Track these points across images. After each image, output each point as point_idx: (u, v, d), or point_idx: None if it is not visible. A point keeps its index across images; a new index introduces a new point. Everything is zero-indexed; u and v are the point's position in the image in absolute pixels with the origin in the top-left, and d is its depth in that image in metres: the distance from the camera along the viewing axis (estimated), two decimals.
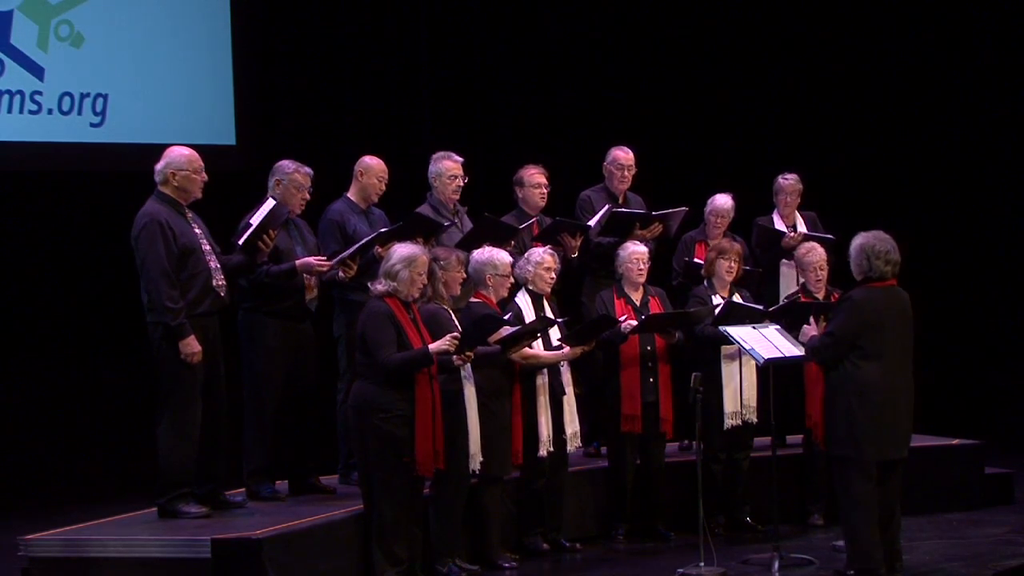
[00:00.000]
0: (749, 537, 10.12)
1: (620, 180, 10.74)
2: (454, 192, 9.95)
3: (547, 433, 9.44)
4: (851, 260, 8.73)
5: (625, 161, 10.74)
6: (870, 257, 8.61)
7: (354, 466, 9.25)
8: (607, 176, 10.80)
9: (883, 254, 8.61)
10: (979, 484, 11.08)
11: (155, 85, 12.22)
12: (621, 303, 9.99)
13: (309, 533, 8.45)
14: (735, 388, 10.10)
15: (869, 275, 8.62)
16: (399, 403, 8.36)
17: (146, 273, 8.58)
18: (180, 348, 8.53)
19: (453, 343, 8.43)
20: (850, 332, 8.54)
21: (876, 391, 8.50)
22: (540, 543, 9.66)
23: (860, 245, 8.66)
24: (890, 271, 8.61)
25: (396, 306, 8.47)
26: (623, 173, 10.73)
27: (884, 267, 8.59)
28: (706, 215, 10.88)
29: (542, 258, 9.59)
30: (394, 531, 8.43)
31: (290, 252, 9.19)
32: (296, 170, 9.30)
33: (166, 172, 8.75)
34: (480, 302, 9.21)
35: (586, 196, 10.77)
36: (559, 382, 9.55)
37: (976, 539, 9.93)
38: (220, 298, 8.80)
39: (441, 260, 8.90)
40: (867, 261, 8.61)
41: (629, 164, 10.75)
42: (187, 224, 8.73)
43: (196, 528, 8.40)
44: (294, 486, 9.49)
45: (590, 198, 10.74)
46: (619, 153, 10.77)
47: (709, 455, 10.05)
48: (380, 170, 9.79)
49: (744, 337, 9.39)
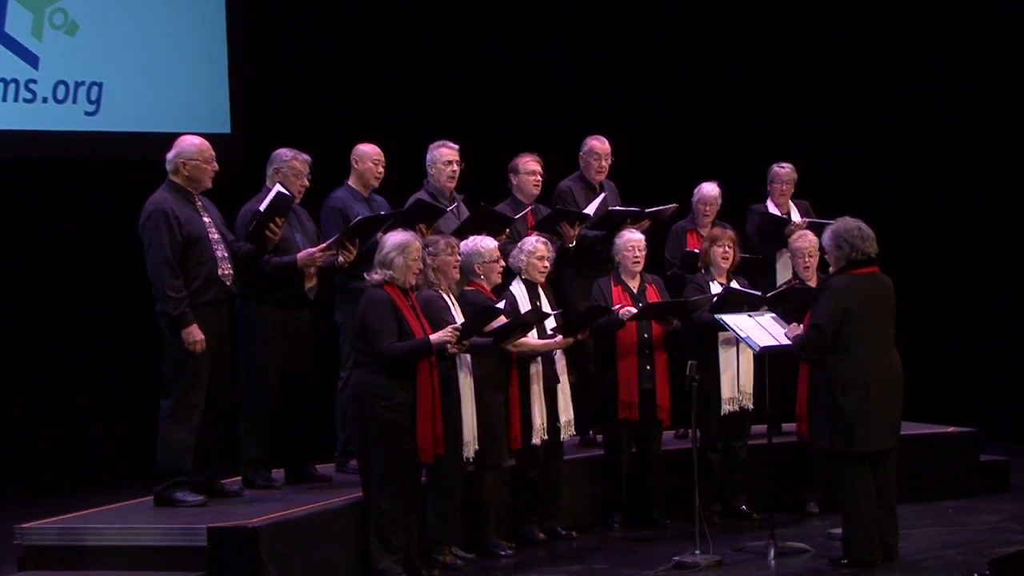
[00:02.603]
0: (745, 525, 10.15)
1: (597, 170, 10.72)
2: (450, 179, 9.96)
3: (541, 421, 9.45)
4: (827, 251, 8.72)
5: (601, 151, 10.72)
6: (847, 239, 8.58)
7: (350, 454, 9.30)
8: (584, 166, 10.76)
9: (856, 230, 8.58)
10: (975, 472, 11.08)
11: (150, 73, 12.16)
12: (619, 291, 10.00)
13: (306, 521, 8.44)
14: (732, 375, 10.11)
15: (852, 258, 8.57)
16: (400, 392, 8.37)
17: (150, 262, 8.60)
18: (183, 337, 8.55)
19: (454, 334, 8.46)
20: (834, 321, 8.53)
21: (858, 384, 8.49)
22: (536, 532, 9.68)
23: (832, 232, 8.66)
24: (871, 248, 8.56)
25: (395, 294, 8.47)
26: (600, 163, 10.71)
27: (863, 244, 8.55)
28: (694, 204, 10.87)
29: (535, 247, 9.59)
30: (392, 520, 8.44)
31: (290, 240, 9.16)
32: (294, 157, 9.28)
33: (177, 161, 8.75)
34: (474, 290, 9.22)
35: (566, 186, 10.73)
36: (553, 371, 9.56)
37: (972, 527, 9.94)
38: (226, 287, 8.80)
39: (430, 247, 8.91)
40: (846, 244, 8.58)
41: (606, 154, 10.73)
42: (195, 212, 8.72)
43: (193, 516, 8.40)
44: (291, 474, 9.48)
45: (570, 188, 10.69)
46: (595, 143, 10.75)
47: (706, 443, 10.05)
48: (375, 155, 9.81)
49: (740, 325, 9.41)
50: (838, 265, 8.66)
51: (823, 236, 8.79)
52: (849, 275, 8.59)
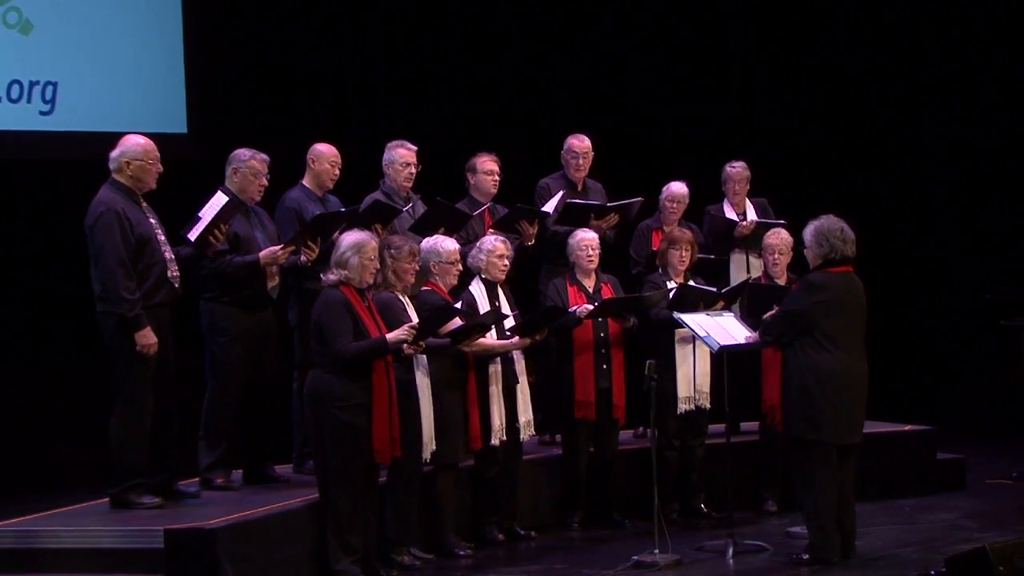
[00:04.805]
0: (704, 524, 10.19)
1: (576, 168, 10.78)
2: (406, 180, 9.98)
3: (500, 422, 9.45)
4: (807, 246, 8.77)
5: (580, 149, 10.78)
6: (828, 238, 8.66)
7: (308, 455, 9.27)
8: (564, 164, 10.85)
9: (839, 232, 8.66)
10: (931, 470, 11.15)
11: (105, 72, 12.07)
12: (574, 290, 10.02)
13: (263, 523, 8.42)
14: (688, 373, 10.12)
15: (830, 257, 8.64)
16: (356, 392, 8.35)
17: (102, 262, 8.51)
18: (136, 339, 8.49)
19: (411, 333, 8.45)
20: (804, 311, 8.60)
21: (835, 377, 8.58)
22: (495, 532, 9.68)
23: (816, 228, 8.71)
24: (849, 250, 8.65)
25: (351, 294, 8.46)
26: (579, 161, 10.77)
27: (843, 246, 8.64)
28: (662, 202, 10.88)
29: (494, 246, 9.59)
30: (349, 520, 8.43)
31: (250, 239, 9.15)
32: (252, 157, 9.25)
33: (121, 160, 8.69)
34: (430, 291, 9.21)
35: (544, 184, 10.80)
36: (512, 370, 9.56)
37: (928, 524, 10.01)
38: (174, 289, 8.77)
39: (393, 249, 8.90)
40: (827, 242, 8.66)
41: (585, 152, 10.78)
42: (143, 214, 8.67)
43: (149, 518, 8.36)
44: (248, 475, 9.46)
45: (548, 186, 10.77)
46: (574, 141, 10.81)
47: (663, 442, 10.07)
48: (332, 156, 9.80)
49: (699, 324, 9.43)
50: (815, 262, 8.74)
51: (805, 230, 8.80)
52: (825, 272, 8.69)
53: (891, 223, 13.96)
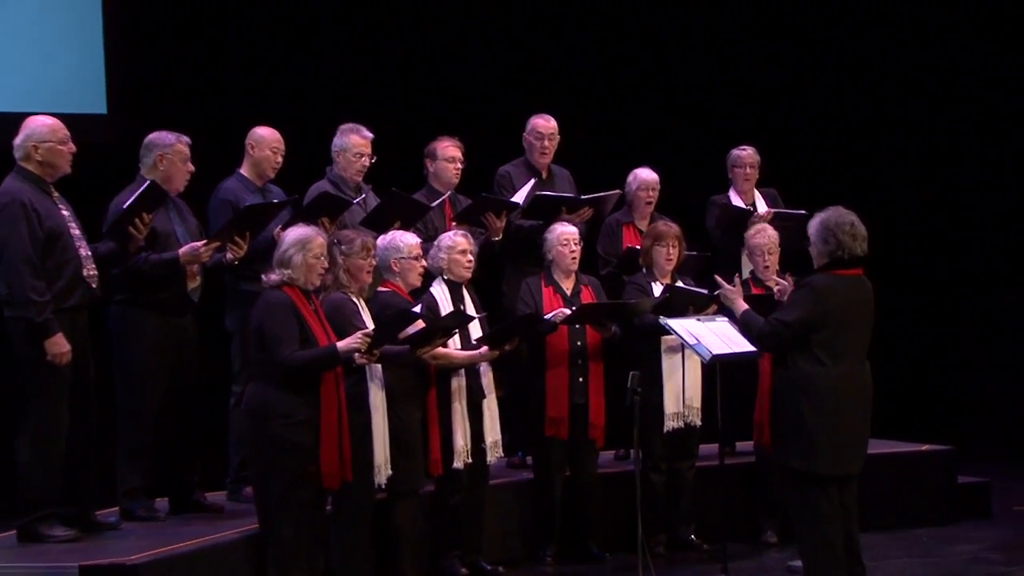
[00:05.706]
0: (694, 557, 10.23)
1: (541, 152, 10.75)
2: (359, 171, 9.98)
3: (463, 443, 9.44)
4: (812, 243, 8.63)
5: (545, 130, 10.74)
6: (837, 234, 8.47)
7: (246, 480, 9.31)
8: (527, 148, 10.81)
9: (849, 226, 8.48)
10: (951, 495, 11.20)
11: (15, 48, 12.10)
12: (550, 292, 9.99)
13: (193, 557, 8.40)
14: (677, 387, 10.10)
15: (837, 256, 8.49)
16: (301, 407, 8.31)
17: (6, 261, 8.46)
18: (46, 348, 8.43)
19: (364, 341, 8.40)
20: (807, 322, 8.44)
21: (831, 397, 8.38)
22: (458, 567, 9.63)
23: (822, 221, 8.53)
24: (860, 249, 8.49)
25: (296, 296, 8.42)
26: (543, 143, 10.73)
27: (853, 243, 8.46)
28: (632, 192, 10.81)
29: (454, 241, 9.55)
30: (293, 554, 8.36)
31: (169, 235, 9.10)
32: (177, 140, 9.22)
33: (27, 146, 8.64)
34: (389, 291, 9.17)
35: (505, 172, 10.75)
36: (478, 384, 9.53)
37: (948, 557, 10.09)
38: (91, 290, 8.71)
39: (343, 244, 8.84)
40: (834, 238, 8.47)
41: (550, 133, 10.74)
42: (54, 205, 8.64)
43: (62, 552, 8.32)
44: (175, 504, 9.42)
45: (509, 174, 10.73)
46: (539, 121, 10.78)
47: (649, 465, 10.08)
48: (274, 141, 9.78)
49: (689, 330, 9.39)
50: (820, 261, 8.55)
51: (810, 224, 8.65)
52: (832, 275, 8.49)
53: (911, 229, 14.00)
